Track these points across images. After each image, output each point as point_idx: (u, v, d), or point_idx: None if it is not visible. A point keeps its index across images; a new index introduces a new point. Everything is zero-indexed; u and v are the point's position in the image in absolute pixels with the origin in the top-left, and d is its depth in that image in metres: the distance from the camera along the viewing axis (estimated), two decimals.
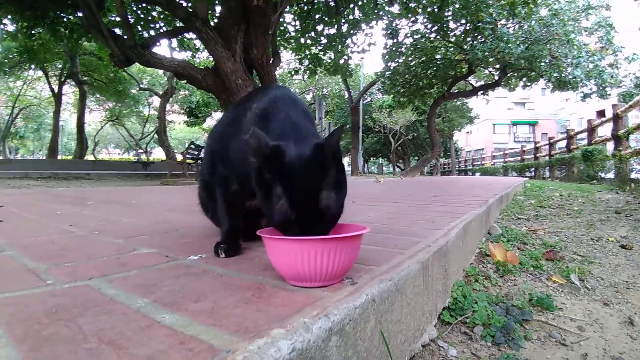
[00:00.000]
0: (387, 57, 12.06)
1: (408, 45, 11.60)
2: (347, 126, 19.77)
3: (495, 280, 1.32)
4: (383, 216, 1.70)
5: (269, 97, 0.86)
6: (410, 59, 11.99)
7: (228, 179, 0.90)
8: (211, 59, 8.64)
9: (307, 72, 13.19)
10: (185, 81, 10.64)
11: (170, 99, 21.25)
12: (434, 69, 12.18)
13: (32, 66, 17.93)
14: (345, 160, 26.85)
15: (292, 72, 14.39)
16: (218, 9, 9.81)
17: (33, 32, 10.42)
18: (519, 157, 16.09)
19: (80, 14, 8.73)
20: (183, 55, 16.71)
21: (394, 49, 11.65)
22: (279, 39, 11.91)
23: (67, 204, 2.18)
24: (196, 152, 9.67)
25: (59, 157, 22.64)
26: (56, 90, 18.94)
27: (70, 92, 23.75)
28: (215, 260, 0.85)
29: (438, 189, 4.20)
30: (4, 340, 0.45)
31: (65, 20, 10.09)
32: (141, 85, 20.88)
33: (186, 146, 11.97)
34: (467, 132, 41.25)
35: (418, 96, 13.25)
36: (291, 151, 0.66)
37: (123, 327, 0.49)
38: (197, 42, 12.02)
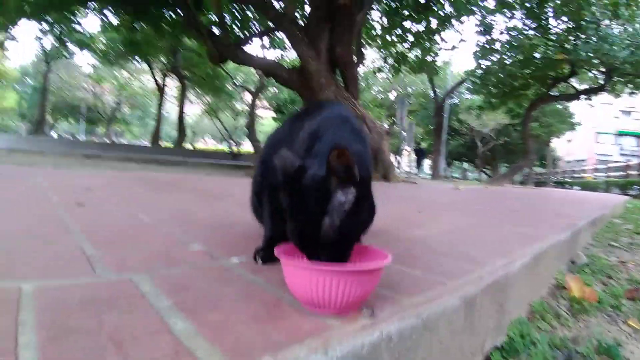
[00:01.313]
0: (479, 54, 11.29)
1: (503, 43, 10.72)
2: (431, 127, 18.98)
3: (566, 319, 1.15)
4: (445, 231, 1.59)
5: (321, 117, 0.85)
6: (505, 56, 11.07)
7: (274, 188, 0.91)
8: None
9: (391, 70, 12.95)
10: (272, 79, 11.16)
11: (261, 96, 22.52)
12: (532, 68, 11.09)
13: (137, 58, 20.00)
14: (427, 162, 25.85)
15: (376, 71, 14.25)
16: (308, 8, 10.05)
17: (135, 25, 11.55)
18: (623, 172, 13.96)
19: (182, 13, 9.59)
20: (274, 54, 17.55)
21: (486, 46, 10.86)
22: (364, 36, 11.85)
23: (152, 190, 2.41)
24: None
25: (161, 144, 25.32)
26: (160, 82, 21.15)
27: (172, 85, 26.37)
28: (251, 266, 0.86)
29: (523, 203, 3.83)
30: (29, 327, 0.50)
31: (167, 16, 11.12)
32: (236, 82, 22.43)
33: None
34: (568, 140, 36.92)
35: (512, 97, 12.20)
36: (309, 171, 0.65)
37: (137, 328, 0.52)
38: (287, 41, 12.48)
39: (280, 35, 11.94)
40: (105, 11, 11.80)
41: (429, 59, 11.68)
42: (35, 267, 0.75)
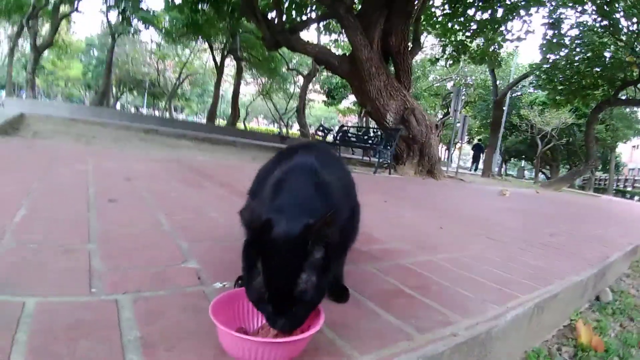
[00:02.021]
0: (545, 48, 10.45)
1: (572, 38, 9.82)
2: (488, 121, 17.99)
3: None
4: (451, 260, 1.55)
5: (287, 166, 0.85)
6: (573, 53, 10.15)
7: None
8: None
9: (450, 59, 12.37)
10: (323, 66, 11.12)
11: (313, 79, 22.58)
12: (601, 67, 10.10)
13: (200, 38, 20.74)
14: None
15: (433, 60, 13.69)
16: None
17: (199, 7, 11.94)
18: None
19: None
20: (329, 39, 17.36)
21: (554, 40, 10.01)
22: (423, 23, 11.38)
23: (187, 185, 2.57)
24: (323, 134, 10.13)
25: (216, 122, 26.32)
26: (219, 62, 21.85)
27: (231, 65, 27.16)
28: None
29: (567, 220, 3.58)
30: (21, 349, 0.60)
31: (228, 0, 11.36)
32: (290, 65, 22.65)
33: (318, 125, 12.71)
34: (633, 146, 33.38)
35: (579, 96, 11.22)
36: (279, 228, 0.66)
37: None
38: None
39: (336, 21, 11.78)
40: None
41: (491, 49, 11.01)
42: (43, 281, 0.86)
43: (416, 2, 8.61)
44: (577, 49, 9.92)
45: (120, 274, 0.95)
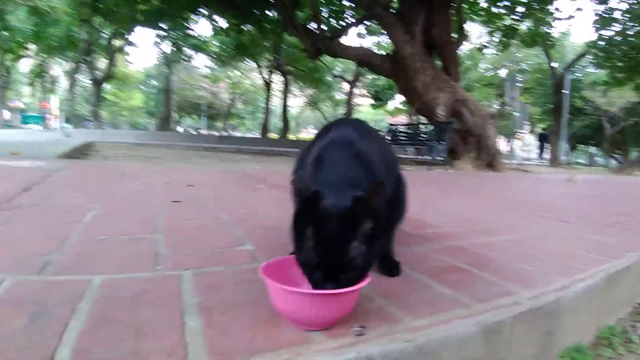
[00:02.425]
0: (598, 24, 9.63)
1: (623, 12, 8.97)
2: (549, 106, 16.76)
3: (637, 345, 1.00)
4: (514, 241, 1.47)
5: (324, 141, 0.87)
6: (626, 26, 9.26)
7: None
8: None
9: (499, 45, 11.79)
10: (366, 68, 11.10)
11: (358, 84, 22.61)
12: None
13: (248, 59, 21.71)
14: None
15: (481, 48, 13.12)
16: None
17: (242, 28, 12.49)
18: None
19: (280, 12, 10.09)
20: (370, 41, 17.31)
21: (605, 15, 9.19)
22: (467, 11, 10.98)
23: (243, 187, 2.69)
24: None
25: (269, 135, 27.19)
26: (267, 79, 22.65)
27: (278, 80, 28.04)
28: None
29: None
30: (82, 316, 0.65)
31: (268, 17, 11.81)
32: (334, 73, 22.91)
33: None
34: None
35: (638, 72, 10.17)
36: (329, 199, 0.67)
37: (160, 323, 0.64)
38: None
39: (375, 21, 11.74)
40: (215, 16, 13.06)
41: (542, 30, 10.33)
42: (112, 263, 0.95)
43: None
44: (629, 23, 9.06)
45: (182, 255, 1.03)
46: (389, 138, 8.96)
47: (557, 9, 9.70)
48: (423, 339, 0.64)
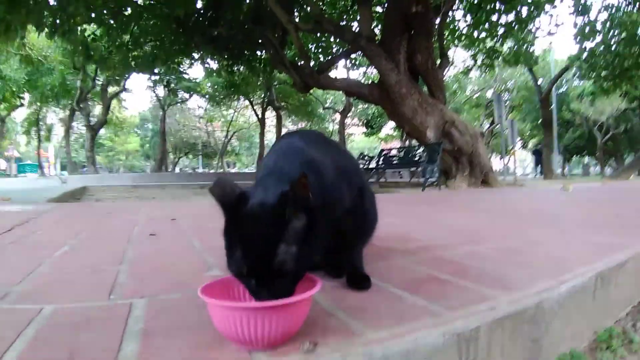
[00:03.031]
0: (580, 37, 9.95)
1: (603, 22, 9.33)
2: (539, 121, 17.01)
3: (638, 346, 0.93)
4: (501, 248, 1.42)
5: (274, 147, 0.85)
6: (608, 36, 9.60)
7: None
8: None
9: (483, 67, 12.09)
10: (355, 97, 11.33)
11: (350, 114, 23.01)
12: (638, 46, 9.47)
13: (241, 97, 22.21)
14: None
15: (465, 71, 13.46)
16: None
17: (234, 69, 12.83)
18: None
19: (269, 51, 10.41)
20: (357, 73, 17.84)
21: (586, 28, 9.52)
22: (448, 37, 11.33)
23: None
24: (366, 162, 10.09)
25: None
26: (260, 115, 23.06)
27: (271, 116, 28.53)
28: None
29: (637, 202, 3.18)
30: (26, 339, 0.63)
31: (259, 57, 12.15)
32: (325, 106, 23.39)
33: (359, 154, 12.79)
34: None
35: (624, 79, 10.46)
36: (254, 199, 0.63)
37: (96, 348, 0.60)
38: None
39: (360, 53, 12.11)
40: (207, 59, 13.43)
41: (524, 49, 10.63)
42: (68, 294, 0.90)
43: (435, 19, 8.64)
44: (611, 32, 9.39)
45: (142, 284, 0.97)
46: (382, 163, 8.99)
47: (537, 28, 10.01)
48: (381, 353, 0.58)
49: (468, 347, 0.69)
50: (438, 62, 9.04)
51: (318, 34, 11.37)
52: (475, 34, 11.06)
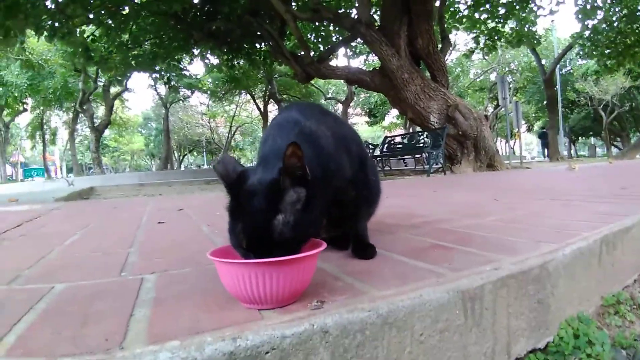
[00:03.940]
0: (581, 15, 9.75)
1: None
2: (543, 102, 16.81)
3: None
4: (505, 220, 1.42)
5: (272, 122, 0.86)
6: (610, 13, 9.40)
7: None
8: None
9: (485, 49, 11.94)
10: (356, 85, 11.26)
11: (352, 103, 22.89)
12: None
13: (242, 91, 22.18)
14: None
15: (467, 54, 13.30)
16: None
17: (234, 63, 12.78)
18: None
19: (269, 43, 10.36)
20: (358, 61, 17.67)
21: (587, 4, 9.33)
22: (449, 20, 11.18)
23: None
24: (370, 150, 10.07)
25: None
26: (262, 109, 23.02)
27: (274, 109, 28.49)
28: None
29: None
30: (36, 312, 0.64)
31: (258, 49, 12.09)
32: (327, 96, 23.27)
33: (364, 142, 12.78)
34: None
35: (627, 56, 10.26)
36: (254, 176, 0.65)
37: (109, 313, 0.62)
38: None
39: (360, 40, 11.99)
40: (207, 55, 13.39)
41: (526, 29, 10.47)
42: (79, 274, 0.91)
43: (435, 1, 8.53)
44: (612, 9, 9.20)
45: (152, 263, 0.99)
46: (386, 150, 8.96)
47: (539, 7, 9.84)
48: (386, 307, 0.59)
49: (473, 304, 0.70)
50: (439, 46, 8.94)
51: (317, 23, 11.27)
52: (477, 15, 10.90)
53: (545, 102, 16.50)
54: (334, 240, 1.00)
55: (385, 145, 9.08)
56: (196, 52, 12.90)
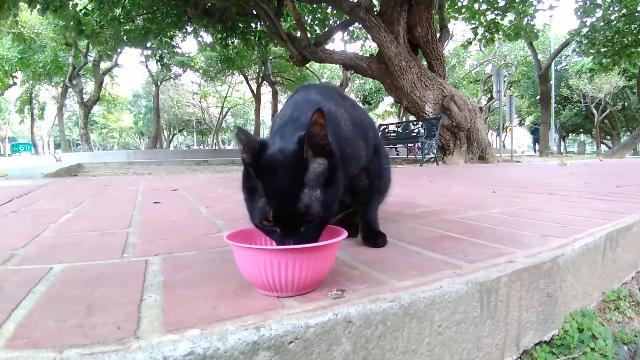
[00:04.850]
0: (580, 11, 9.74)
1: None
2: (537, 97, 16.91)
3: None
4: (508, 213, 1.42)
5: (289, 100, 0.83)
6: (609, 12, 9.42)
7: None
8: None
9: (483, 41, 11.89)
10: (353, 71, 11.14)
11: (347, 89, 22.71)
12: (638, 23, 9.32)
13: (235, 72, 21.85)
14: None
15: (465, 45, 13.23)
16: None
17: (228, 42, 12.52)
18: None
19: (265, 23, 10.15)
20: (355, 46, 17.48)
21: (587, 2, 9.31)
22: (448, 10, 11.08)
23: (227, 188, 2.62)
24: None
25: None
26: (255, 91, 22.71)
27: (267, 92, 28.11)
28: None
29: (636, 175, 3.20)
30: (36, 296, 0.60)
31: (253, 29, 11.85)
32: (322, 80, 23.02)
33: None
34: None
35: (624, 56, 10.34)
36: (274, 146, 0.61)
37: (115, 299, 0.59)
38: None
39: (358, 25, 11.81)
40: (200, 32, 13.05)
41: (524, 22, 10.42)
42: (78, 254, 0.88)
43: None
44: (612, 8, 9.23)
45: (154, 244, 0.96)
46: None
47: (539, 1, 9.80)
48: (408, 299, 0.58)
49: (489, 297, 0.69)
50: (438, 35, 8.86)
51: (314, 5, 11.05)
52: (476, 6, 10.81)
53: (538, 97, 16.60)
54: (342, 226, 0.98)
55: (380, 133, 9.05)
56: (189, 29, 12.58)
